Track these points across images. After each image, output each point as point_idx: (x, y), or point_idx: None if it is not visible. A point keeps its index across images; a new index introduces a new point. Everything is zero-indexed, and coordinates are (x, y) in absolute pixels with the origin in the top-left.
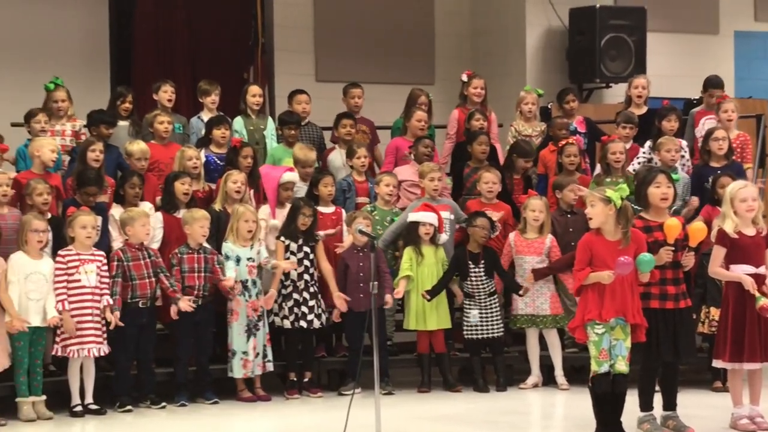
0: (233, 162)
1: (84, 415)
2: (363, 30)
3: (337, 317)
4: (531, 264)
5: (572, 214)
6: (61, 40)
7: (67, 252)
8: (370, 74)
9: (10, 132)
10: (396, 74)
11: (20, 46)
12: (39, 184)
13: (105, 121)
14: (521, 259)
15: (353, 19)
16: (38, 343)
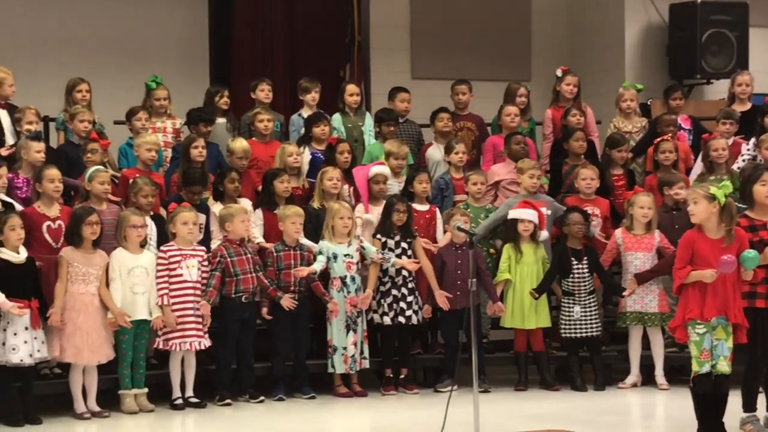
0: (330, 159)
1: (184, 408)
2: (459, 27)
3: (428, 313)
4: (641, 260)
5: (677, 211)
6: (162, 39)
7: (169, 247)
8: (466, 71)
9: (113, 129)
10: (492, 71)
11: (121, 45)
12: (146, 185)
13: (203, 119)
14: (631, 256)
15: (449, 16)
16: (142, 337)
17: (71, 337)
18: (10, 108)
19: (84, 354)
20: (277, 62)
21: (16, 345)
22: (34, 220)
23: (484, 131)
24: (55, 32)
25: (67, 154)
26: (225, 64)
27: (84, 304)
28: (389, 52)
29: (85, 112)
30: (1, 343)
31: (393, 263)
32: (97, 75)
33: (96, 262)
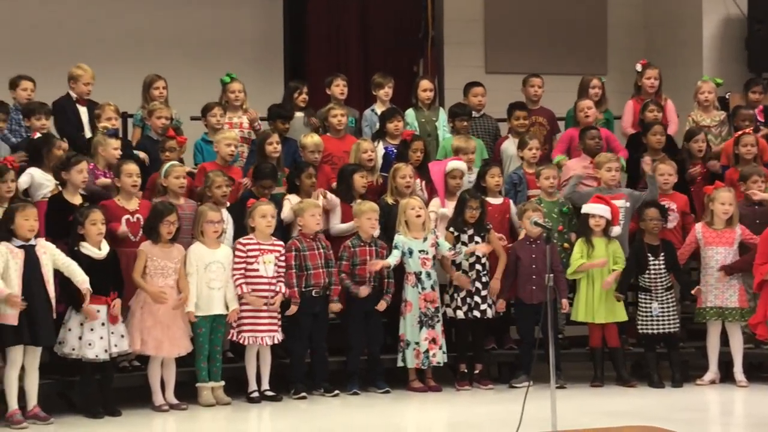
0: (404, 154)
1: (260, 401)
2: (533, 21)
3: (502, 307)
4: (722, 255)
5: (759, 206)
6: (237, 36)
7: (248, 241)
8: (540, 65)
9: (189, 125)
10: (567, 65)
11: (198, 42)
12: (218, 177)
13: (282, 115)
14: (711, 251)
15: (523, 10)
16: (218, 331)
17: (152, 330)
18: (90, 105)
19: (164, 346)
20: (351, 58)
21: (92, 341)
22: (115, 214)
23: (555, 126)
24: (132, 30)
25: (145, 149)
26: (299, 60)
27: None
28: (463, 46)
29: (163, 109)
30: (78, 337)
31: (465, 253)
32: (173, 71)
33: (174, 256)
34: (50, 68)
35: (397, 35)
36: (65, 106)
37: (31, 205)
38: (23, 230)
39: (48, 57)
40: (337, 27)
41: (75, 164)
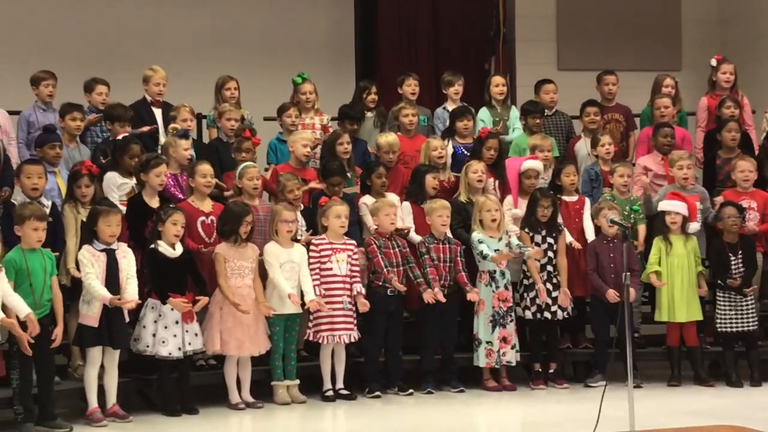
0: (478, 151)
1: (335, 399)
2: (606, 17)
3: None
4: None
5: None
6: (309, 36)
7: (321, 240)
8: (613, 61)
9: (263, 126)
10: (641, 61)
11: (269, 43)
12: (289, 181)
13: (351, 116)
14: None
15: (596, 6)
16: (292, 329)
17: (233, 330)
18: (165, 106)
19: (246, 345)
20: (422, 56)
21: (165, 338)
22: (189, 215)
23: (631, 123)
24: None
25: (216, 150)
26: (371, 60)
27: (242, 297)
28: (535, 43)
29: (232, 110)
30: (152, 334)
31: (527, 255)
32: (245, 72)
33: (249, 255)
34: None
35: (469, 33)
36: (140, 109)
37: (115, 211)
38: (105, 235)
39: (122, 60)
40: (408, 26)
41: (154, 167)
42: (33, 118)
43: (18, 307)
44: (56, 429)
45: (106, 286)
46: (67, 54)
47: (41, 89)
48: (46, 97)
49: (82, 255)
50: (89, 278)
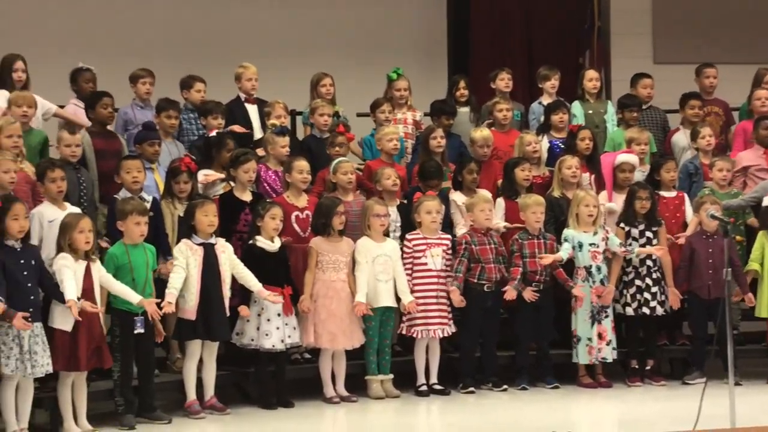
0: (571, 146)
1: (429, 394)
2: (703, 9)
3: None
4: None
5: None
6: (402, 32)
7: (414, 236)
8: (710, 54)
9: (356, 122)
10: (739, 53)
11: (363, 39)
12: (386, 170)
13: (445, 111)
14: None
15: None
16: (387, 324)
17: (326, 324)
18: (259, 103)
19: (339, 339)
20: (515, 51)
21: (268, 331)
22: (284, 210)
23: (730, 116)
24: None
25: (309, 146)
26: (463, 55)
27: (336, 291)
28: (630, 36)
29: (325, 106)
30: (255, 328)
31: (637, 253)
32: (340, 69)
33: (344, 250)
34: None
35: (562, 27)
36: (233, 108)
37: (210, 201)
38: (203, 225)
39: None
40: (500, 20)
41: (243, 162)
42: (130, 115)
43: (129, 295)
44: (156, 421)
45: (204, 280)
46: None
47: (139, 87)
48: (144, 95)
49: (178, 249)
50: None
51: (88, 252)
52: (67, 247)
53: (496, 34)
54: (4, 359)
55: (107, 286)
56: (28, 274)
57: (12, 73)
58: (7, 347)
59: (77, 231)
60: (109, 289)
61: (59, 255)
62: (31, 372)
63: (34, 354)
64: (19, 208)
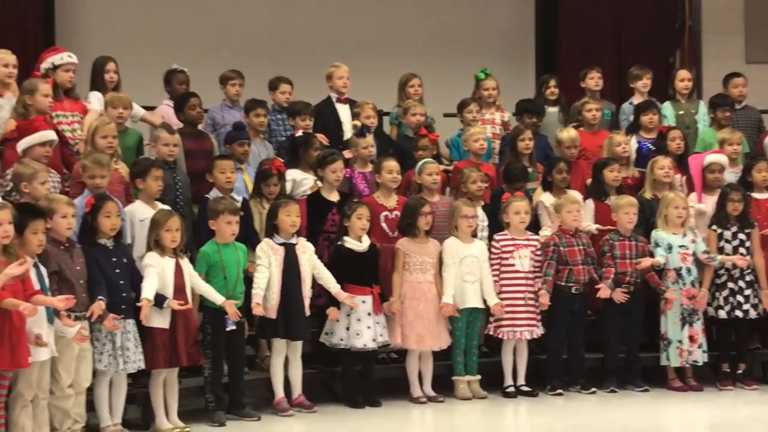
0: (661, 147)
1: (516, 396)
2: None
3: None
4: None
5: None
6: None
7: (502, 237)
8: None
9: (443, 122)
10: None
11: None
12: (473, 173)
13: (530, 110)
14: None
15: None
16: (474, 325)
17: (413, 325)
18: (350, 103)
19: (426, 340)
20: (604, 50)
21: (359, 330)
22: (373, 210)
23: None
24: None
25: (401, 147)
26: (551, 54)
27: (423, 292)
28: (722, 36)
29: (417, 105)
30: (346, 328)
31: (719, 261)
32: (427, 69)
33: (430, 251)
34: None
35: (652, 26)
36: (322, 109)
37: (294, 202)
38: (286, 225)
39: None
40: (589, 19)
41: (330, 162)
42: (218, 116)
43: (213, 295)
44: (245, 418)
45: (284, 279)
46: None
47: (228, 88)
48: (233, 96)
49: (261, 248)
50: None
51: (176, 249)
52: (154, 243)
53: (585, 32)
54: (98, 355)
55: (194, 286)
56: (121, 272)
57: (104, 74)
58: (100, 344)
59: (164, 229)
60: (195, 288)
61: (147, 254)
62: (123, 368)
63: (126, 350)
64: (111, 207)
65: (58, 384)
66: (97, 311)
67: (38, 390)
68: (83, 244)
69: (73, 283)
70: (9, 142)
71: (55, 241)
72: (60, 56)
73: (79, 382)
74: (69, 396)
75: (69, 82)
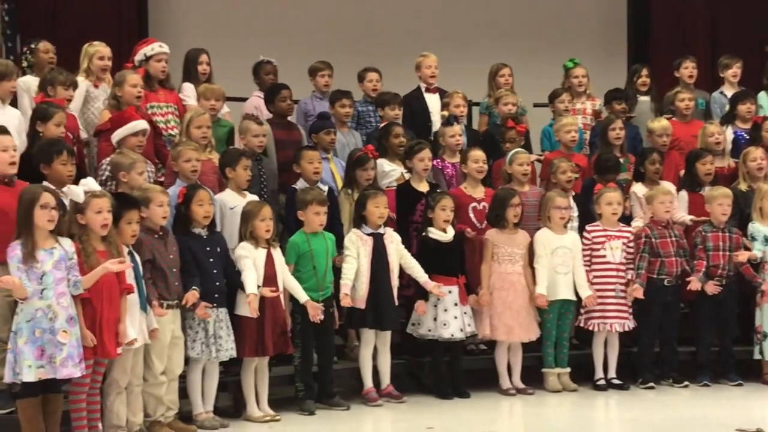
0: (756, 138)
1: (607, 389)
2: None
3: None
4: None
5: None
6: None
7: (594, 228)
8: None
9: (534, 112)
10: None
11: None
12: (562, 163)
13: (617, 98)
14: None
15: None
16: (566, 317)
17: (502, 316)
18: (440, 93)
19: (515, 332)
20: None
21: (447, 321)
22: (461, 201)
23: None
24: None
25: (492, 137)
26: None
27: (512, 284)
28: None
29: (509, 95)
30: (433, 318)
31: None
32: (517, 59)
33: (519, 242)
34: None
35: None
36: (411, 99)
37: (382, 193)
38: (374, 217)
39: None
40: (682, 7)
41: (417, 152)
42: (309, 107)
43: (297, 292)
44: (335, 407)
45: (373, 269)
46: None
47: (318, 79)
48: (323, 87)
49: (349, 239)
50: (348, 261)
51: (268, 239)
52: (248, 235)
53: (678, 21)
54: (191, 343)
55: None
56: (214, 261)
57: (197, 66)
58: (193, 331)
59: (259, 219)
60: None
61: (240, 245)
62: (216, 356)
63: (218, 338)
64: (204, 195)
65: (151, 371)
66: (192, 300)
67: (132, 377)
68: (177, 233)
69: (166, 272)
70: (103, 133)
71: (149, 230)
72: (151, 47)
73: (172, 369)
74: (162, 383)
75: (162, 72)
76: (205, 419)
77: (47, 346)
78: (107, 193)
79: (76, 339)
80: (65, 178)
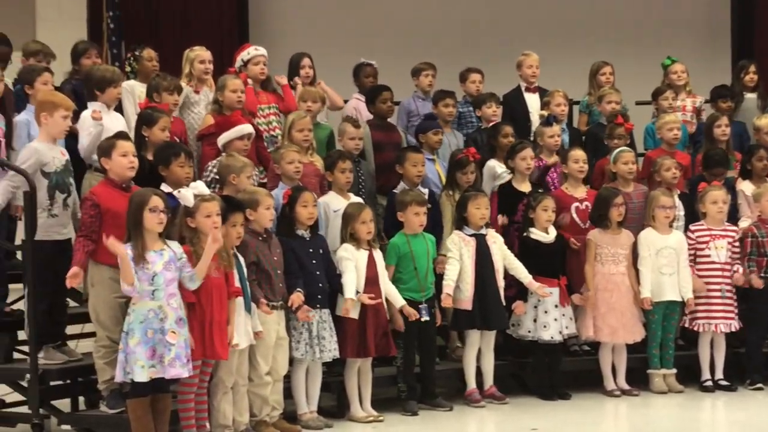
0: None
1: (714, 390)
2: None
3: None
4: None
5: None
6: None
7: (698, 227)
8: None
9: (635, 110)
10: None
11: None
12: (666, 160)
13: (724, 95)
14: None
15: None
16: (671, 318)
17: (606, 317)
18: (541, 92)
19: (619, 333)
20: None
21: (546, 322)
22: (563, 201)
23: None
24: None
25: (594, 136)
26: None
27: (616, 284)
28: None
29: (612, 93)
30: (532, 319)
31: None
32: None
33: (623, 242)
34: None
35: None
36: (510, 98)
37: (483, 194)
38: (475, 218)
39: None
40: None
41: (519, 151)
42: (412, 107)
43: (395, 297)
44: (437, 408)
45: (477, 270)
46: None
47: (421, 79)
48: (426, 87)
49: (451, 240)
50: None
51: (370, 241)
52: (349, 236)
53: None
54: (295, 344)
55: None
56: (317, 263)
57: (300, 70)
58: (297, 332)
59: (359, 221)
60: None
61: (341, 246)
62: (319, 356)
63: (322, 339)
64: (308, 197)
65: (256, 371)
66: (297, 302)
67: (238, 377)
68: (281, 235)
69: (270, 274)
70: (207, 137)
71: (253, 232)
72: (247, 51)
73: (277, 370)
74: (267, 383)
75: (261, 74)
76: (309, 419)
77: (158, 346)
78: (216, 197)
79: (185, 340)
80: (183, 180)
